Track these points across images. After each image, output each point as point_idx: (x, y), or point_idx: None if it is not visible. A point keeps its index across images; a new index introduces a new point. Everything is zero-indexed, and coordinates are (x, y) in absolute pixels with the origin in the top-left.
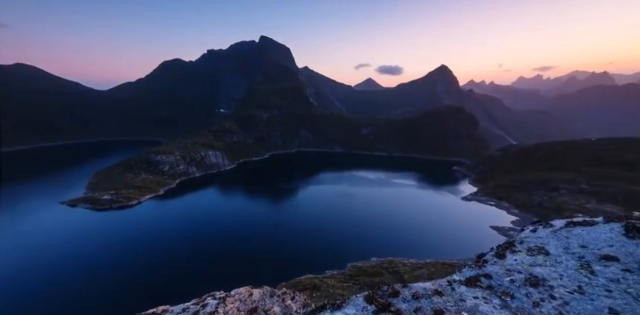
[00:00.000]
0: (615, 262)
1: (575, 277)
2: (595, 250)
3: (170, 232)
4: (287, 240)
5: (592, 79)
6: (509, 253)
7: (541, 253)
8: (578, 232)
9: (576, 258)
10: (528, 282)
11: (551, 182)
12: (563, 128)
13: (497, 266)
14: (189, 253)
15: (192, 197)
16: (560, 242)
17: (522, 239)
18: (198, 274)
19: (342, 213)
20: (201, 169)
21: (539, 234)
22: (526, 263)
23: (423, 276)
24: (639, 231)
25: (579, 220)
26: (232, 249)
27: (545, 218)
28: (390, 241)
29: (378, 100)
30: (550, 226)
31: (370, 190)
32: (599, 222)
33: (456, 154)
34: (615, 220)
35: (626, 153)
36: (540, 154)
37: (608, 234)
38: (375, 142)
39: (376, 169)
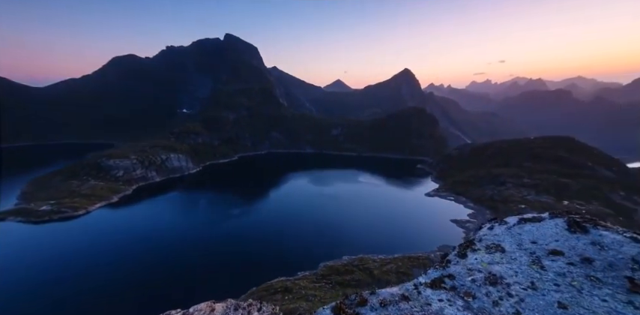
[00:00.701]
0: (561, 257)
1: (529, 273)
2: (544, 245)
3: (125, 243)
4: (257, 244)
5: (530, 84)
6: (470, 252)
7: (498, 251)
8: (529, 229)
9: (528, 254)
10: (488, 281)
11: (500, 177)
12: (509, 128)
13: (460, 266)
14: (147, 266)
15: (152, 204)
16: (514, 239)
17: (481, 237)
18: (159, 290)
19: (313, 213)
20: (162, 173)
21: (496, 231)
22: (485, 261)
23: (392, 270)
24: (579, 225)
25: (529, 217)
26: (197, 257)
27: (495, 210)
28: (360, 239)
29: (347, 101)
30: (505, 223)
31: (340, 190)
32: (545, 218)
33: (420, 153)
34: (559, 216)
35: (557, 150)
36: (490, 152)
37: (553, 229)
38: (345, 143)
39: (346, 169)
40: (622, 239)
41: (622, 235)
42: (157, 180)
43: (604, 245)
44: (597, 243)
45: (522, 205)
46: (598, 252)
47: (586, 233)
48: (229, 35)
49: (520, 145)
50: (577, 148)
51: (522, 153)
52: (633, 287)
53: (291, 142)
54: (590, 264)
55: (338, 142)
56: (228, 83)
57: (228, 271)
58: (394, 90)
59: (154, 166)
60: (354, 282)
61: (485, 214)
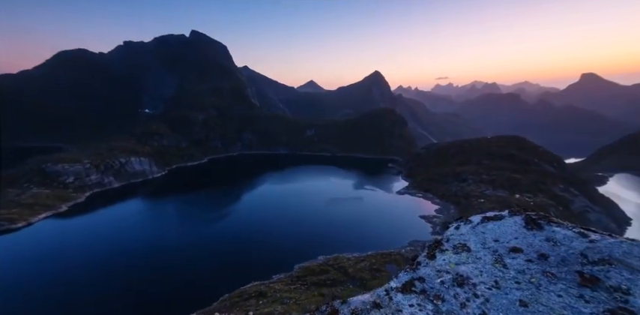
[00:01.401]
0: (520, 254)
1: (492, 272)
2: (505, 243)
3: (76, 256)
4: (230, 249)
5: (486, 87)
6: (438, 252)
7: (464, 251)
8: (491, 227)
9: (492, 252)
10: (456, 282)
11: (462, 174)
12: (470, 128)
13: (429, 268)
14: (102, 279)
15: (109, 211)
16: (478, 238)
17: (448, 237)
18: (118, 308)
19: (288, 215)
20: (121, 178)
21: (462, 231)
22: (453, 262)
23: (366, 268)
24: (535, 222)
25: (491, 216)
26: (162, 267)
27: (459, 205)
28: (335, 238)
29: (321, 101)
30: (469, 222)
31: (315, 190)
32: (505, 216)
33: (391, 153)
34: (517, 214)
35: (510, 148)
36: (453, 151)
37: (513, 227)
38: (320, 143)
39: (321, 169)
40: (572, 234)
41: (571, 230)
42: (115, 186)
43: (557, 241)
44: (551, 239)
45: (481, 200)
46: (552, 248)
47: (541, 230)
48: (196, 32)
49: (479, 144)
50: (525, 147)
51: (481, 151)
52: (583, 281)
53: (264, 143)
54: (546, 260)
55: (312, 142)
56: (195, 82)
57: (198, 280)
58: (365, 91)
59: (112, 170)
60: (329, 281)
61: (450, 209)
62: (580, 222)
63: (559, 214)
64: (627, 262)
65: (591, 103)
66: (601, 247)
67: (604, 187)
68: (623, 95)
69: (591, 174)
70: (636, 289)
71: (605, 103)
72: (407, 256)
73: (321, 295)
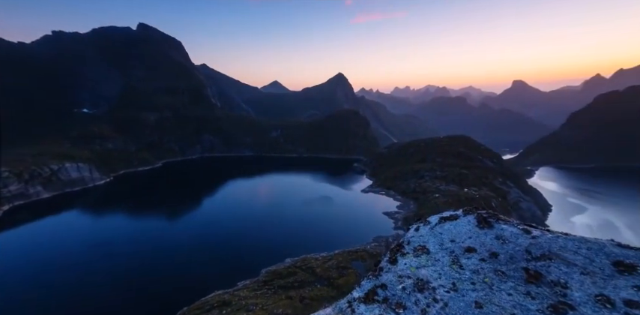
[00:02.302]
0: (475, 253)
1: (450, 274)
2: (460, 243)
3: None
4: (189, 259)
5: (438, 91)
6: (399, 256)
7: (424, 253)
8: (448, 228)
9: (449, 253)
10: (416, 287)
11: (420, 172)
12: (425, 128)
13: (391, 273)
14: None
15: (35, 227)
16: (436, 239)
17: (409, 239)
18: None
19: (254, 218)
20: (52, 187)
21: (421, 232)
22: (413, 266)
23: (333, 266)
24: (486, 221)
25: (447, 216)
26: (111, 284)
27: (417, 200)
28: (303, 239)
29: (286, 102)
30: (428, 223)
31: (281, 192)
32: (460, 215)
33: (355, 152)
34: (470, 213)
35: (458, 146)
36: (412, 150)
37: (467, 226)
38: (286, 144)
39: (287, 170)
40: (517, 231)
41: (517, 227)
42: (44, 196)
43: (505, 239)
44: (500, 237)
45: (436, 195)
46: (501, 246)
47: (491, 228)
48: (144, 25)
49: (433, 143)
50: (471, 145)
51: (435, 150)
52: (529, 278)
53: (227, 145)
54: (497, 258)
55: (278, 143)
56: (145, 80)
57: (153, 294)
58: (330, 93)
59: (40, 179)
60: (297, 283)
61: (410, 204)
62: (515, 210)
63: (498, 205)
64: (563, 256)
65: (521, 107)
66: (542, 242)
67: (532, 179)
68: (545, 100)
69: (522, 168)
70: (572, 283)
71: (532, 107)
72: (372, 252)
73: (289, 299)
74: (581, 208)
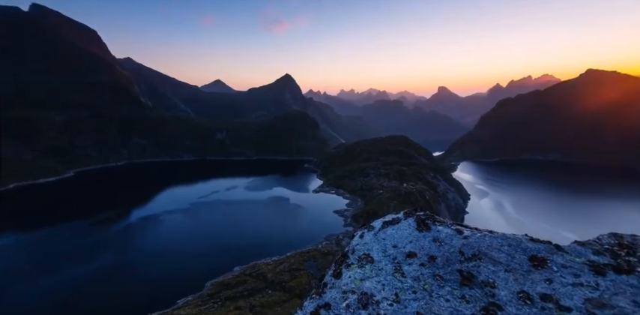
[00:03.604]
0: (415, 259)
1: (393, 284)
2: (402, 248)
3: None
4: (120, 281)
5: (379, 95)
6: (344, 268)
7: (368, 262)
8: (391, 233)
9: (392, 260)
10: (360, 303)
11: (366, 170)
12: (370, 129)
13: (335, 290)
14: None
15: None
16: (380, 245)
17: (354, 248)
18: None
19: (195, 229)
20: None
21: (366, 239)
22: (358, 278)
23: (285, 270)
24: (424, 223)
25: (390, 220)
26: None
27: (364, 197)
28: (253, 245)
29: (231, 102)
30: (372, 228)
31: (228, 197)
32: (401, 219)
33: (306, 153)
34: (410, 216)
35: (398, 146)
36: (359, 149)
37: (407, 230)
38: (233, 147)
39: (235, 174)
40: (451, 232)
41: (451, 228)
42: None
43: (441, 241)
44: (437, 239)
45: (380, 191)
46: (438, 248)
47: (429, 231)
48: (39, 7)
49: (377, 143)
50: (408, 144)
51: (379, 149)
52: (463, 280)
53: (163, 149)
54: (435, 262)
55: (224, 146)
56: (45, 73)
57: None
58: (278, 94)
59: None
60: (247, 292)
61: (358, 201)
62: (443, 201)
63: (431, 197)
64: (490, 255)
65: (445, 110)
66: (472, 242)
67: (455, 173)
68: (462, 104)
69: (447, 163)
70: (499, 281)
71: (453, 110)
72: (323, 251)
73: (238, 309)
74: (485, 193)
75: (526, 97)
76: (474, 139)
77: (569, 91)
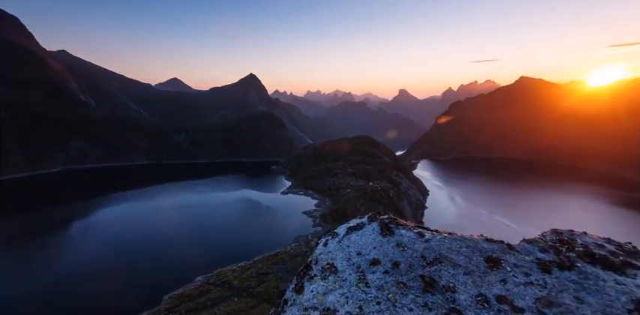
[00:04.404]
0: (379, 266)
1: (357, 295)
2: (366, 255)
3: None
4: (61, 300)
5: (344, 96)
6: (306, 281)
7: (332, 272)
8: (355, 239)
9: (356, 269)
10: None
11: (333, 170)
12: (336, 129)
13: (296, 307)
14: None
15: None
16: (344, 253)
17: (317, 257)
18: None
19: (151, 238)
20: None
21: (330, 247)
22: (320, 292)
23: (253, 275)
24: (388, 228)
25: (354, 225)
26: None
27: (332, 197)
28: (217, 253)
29: (192, 103)
30: (336, 235)
31: (190, 203)
32: (365, 223)
33: (273, 155)
34: (374, 220)
35: (364, 145)
36: (326, 150)
37: (372, 236)
38: (193, 149)
39: (197, 178)
40: (414, 236)
41: (413, 231)
42: None
43: (404, 245)
44: (400, 244)
45: (348, 190)
46: (401, 253)
47: (392, 235)
48: None
49: (344, 143)
50: (373, 144)
51: (345, 149)
52: (426, 287)
53: (111, 154)
54: (398, 268)
55: (183, 149)
56: None
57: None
58: (242, 94)
59: None
60: (211, 301)
61: (326, 201)
62: (405, 197)
63: (395, 194)
64: (450, 258)
65: (406, 112)
66: (433, 245)
67: (415, 171)
68: (420, 106)
69: (409, 162)
70: (458, 285)
71: (412, 111)
72: (292, 253)
73: None
74: (441, 188)
75: (473, 101)
76: (430, 139)
77: (506, 95)
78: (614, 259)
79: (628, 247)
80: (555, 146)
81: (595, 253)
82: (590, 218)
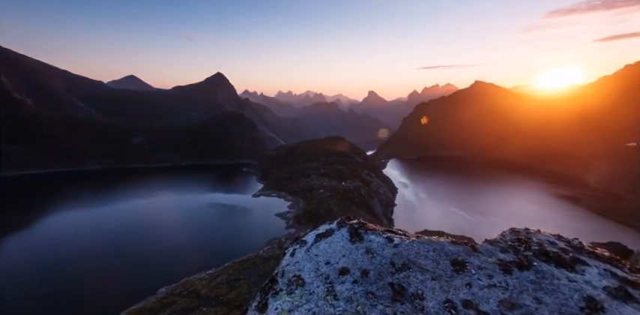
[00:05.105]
0: (348, 275)
1: (325, 310)
2: (335, 264)
3: None
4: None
5: (316, 97)
6: (271, 297)
7: (299, 286)
8: (324, 247)
9: (324, 280)
10: None
11: (307, 171)
12: (308, 130)
13: None
14: None
15: None
16: (312, 263)
17: (284, 269)
18: None
19: (105, 253)
20: None
21: (297, 257)
22: (286, 309)
23: (223, 282)
24: (357, 233)
25: (323, 231)
26: None
27: (305, 197)
28: (183, 261)
29: (152, 102)
30: (304, 244)
31: (149, 207)
32: (334, 229)
33: (244, 156)
34: (343, 225)
35: (336, 146)
36: (299, 151)
37: (341, 243)
38: (155, 152)
39: (159, 183)
40: (383, 241)
41: (382, 236)
42: None
43: (374, 251)
44: (369, 250)
45: (321, 190)
46: (371, 260)
47: (362, 241)
48: None
49: (316, 143)
50: (345, 144)
51: (318, 150)
52: (395, 295)
53: (54, 159)
54: (367, 277)
55: (144, 152)
56: None
57: None
58: (210, 93)
59: None
60: (175, 314)
61: (300, 202)
62: (376, 196)
63: (366, 193)
64: (418, 263)
65: (376, 113)
66: (402, 251)
67: (385, 170)
68: (388, 107)
69: (378, 161)
70: (427, 291)
71: (381, 112)
72: (265, 257)
73: None
74: (407, 185)
75: (435, 103)
76: (398, 139)
77: (464, 98)
78: (565, 256)
79: (575, 243)
80: (502, 144)
81: (549, 251)
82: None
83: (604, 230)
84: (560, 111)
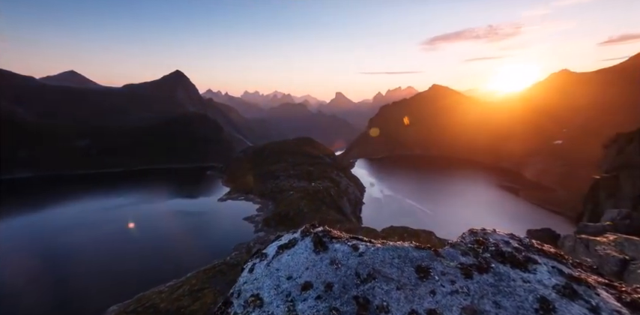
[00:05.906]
0: (311, 291)
1: None
2: (298, 279)
3: None
4: None
5: (284, 98)
6: None
7: (256, 307)
8: (286, 260)
9: (284, 299)
10: None
11: (275, 172)
12: (276, 131)
13: None
14: None
15: None
16: (272, 280)
17: (240, 288)
18: None
19: (45, 270)
20: None
21: (256, 273)
22: None
23: (185, 293)
24: (321, 242)
25: (286, 242)
26: None
27: (275, 199)
28: (138, 275)
29: (100, 101)
30: (265, 257)
31: (99, 217)
32: (298, 239)
33: (209, 159)
34: (307, 234)
35: (305, 147)
36: (267, 152)
37: (304, 254)
38: (102, 156)
39: (107, 191)
40: (348, 250)
41: (347, 244)
42: None
43: (338, 262)
44: (334, 261)
45: (291, 192)
46: (335, 272)
47: (326, 251)
48: None
49: (285, 145)
50: (314, 145)
51: (287, 151)
52: (360, 310)
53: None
54: (332, 290)
55: (89, 156)
56: None
57: None
58: (168, 92)
59: None
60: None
61: (269, 205)
62: (345, 195)
63: (336, 193)
64: (384, 272)
65: (342, 113)
66: (367, 259)
67: (353, 169)
68: (355, 108)
69: (347, 161)
70: (392, 303)
71: (349, 113)
72: (232, 263)
73: None
74: (374, 184)
75: (398, 105)
76: (364, 140)
77: (423, 100)
78: (518, 256)
79: (525, 241)
80: (456, 143)
81: (504, 251)
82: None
83: (538, 218)
84: (505, 112)
